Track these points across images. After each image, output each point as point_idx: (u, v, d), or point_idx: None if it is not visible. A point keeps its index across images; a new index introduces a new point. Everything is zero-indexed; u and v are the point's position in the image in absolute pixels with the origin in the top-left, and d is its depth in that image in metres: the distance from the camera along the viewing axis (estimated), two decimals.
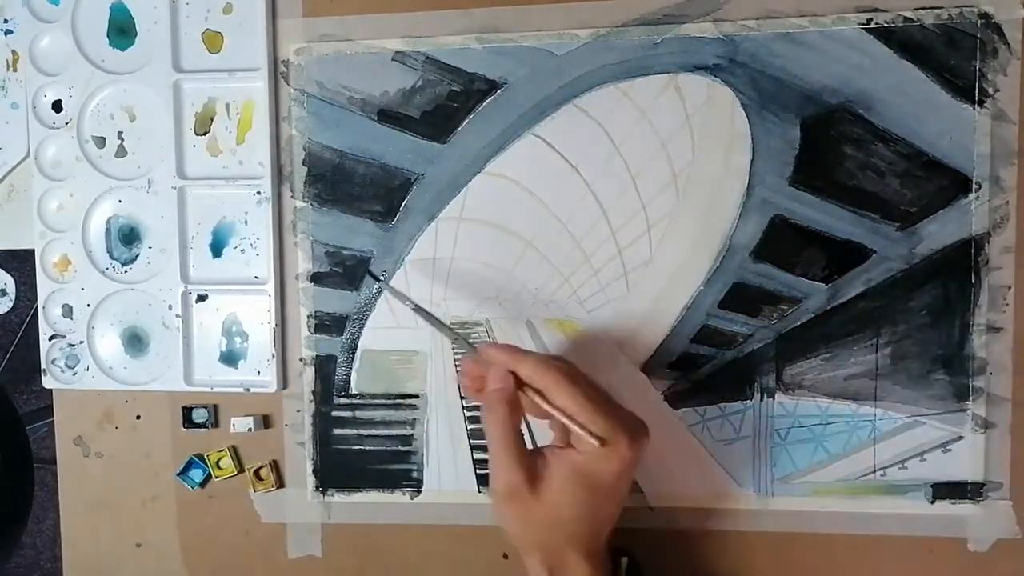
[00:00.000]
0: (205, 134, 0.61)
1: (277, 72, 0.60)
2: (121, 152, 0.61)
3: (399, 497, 0.61)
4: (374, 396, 0.61)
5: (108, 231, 0.62)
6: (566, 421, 0.47)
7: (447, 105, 0.59)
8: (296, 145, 0.60)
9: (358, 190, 0.60)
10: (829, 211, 0.56)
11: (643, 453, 0.48)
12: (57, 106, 0.62)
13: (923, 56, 0.54)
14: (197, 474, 0.62)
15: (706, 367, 0.58)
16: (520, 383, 0.49)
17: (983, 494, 0.56)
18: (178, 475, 0.62)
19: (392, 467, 0.61)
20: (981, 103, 0.54)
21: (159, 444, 0.63)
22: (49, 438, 0.64)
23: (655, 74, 0.57)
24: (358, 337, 0.61)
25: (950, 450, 0.56)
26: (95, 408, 0.63)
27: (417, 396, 0.61)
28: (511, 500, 0.49)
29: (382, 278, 0.56)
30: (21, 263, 0.63)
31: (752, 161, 0.57)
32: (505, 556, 0.60)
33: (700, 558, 0.59)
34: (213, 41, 0.60)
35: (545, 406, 0.48)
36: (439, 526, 0.61)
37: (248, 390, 0.61)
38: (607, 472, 0.47)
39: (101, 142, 0.62)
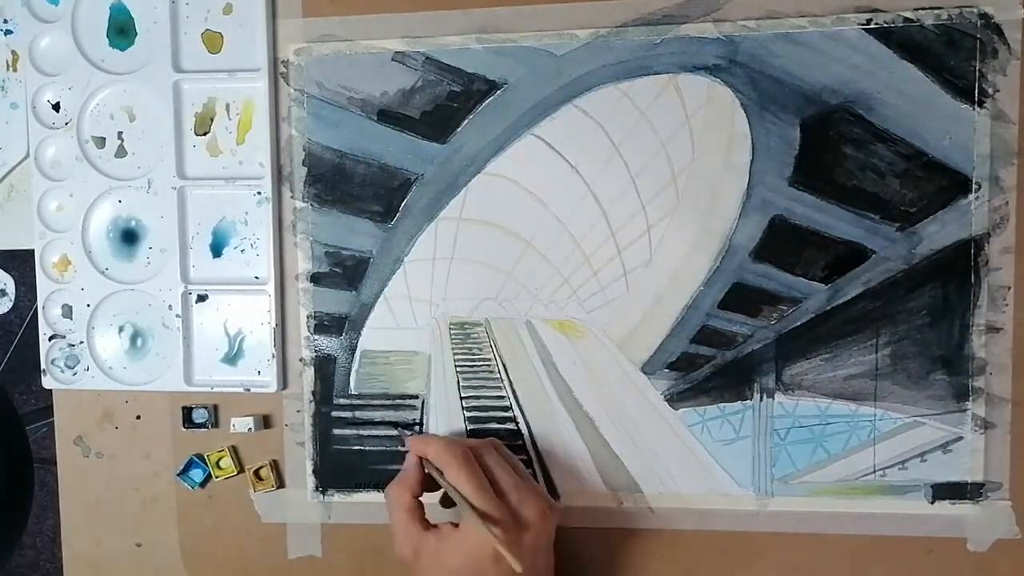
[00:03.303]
0: (205, 134, 0.61)
1: (277, 72, 0.60)
2: (121, 152, 0.61)
3: None
4: (374, 396, 0.61)
5: (108, 231, 0.62)
6: (454, 496, 0.52)
7: (447, 105, 0.59)
8: (296, 145, 0.60)
9: (358, 190, 0.60)
10: (829, 211, 0.56)
11: (529, 542, 0.51)
12: (57, 106, 0.62)
13: (923, 56, 0.54)
14: (197, 474, 0.62)
15: (706, 367, 0.58)
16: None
17: (983, 494, 0.56)
18: (178, 475, 0.62)
19: (392, 467, 0.61)
20: (981, 103, 0.54)
21: (159, 444, 0.63)
22: (49, 438, 0.64)
23: (655, 74, 0.57)
24: (358, 337, 0.61)
25: (950, 450, 0.56)
26: (95, 408, 0.63)
27: (417, 396, 0.61)
28: (407, 567, 0.53)
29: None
30: (21, 263, 0.63)
31: (752, 161, 0.57)
32: None
33: (700, 558, 0.59)
34: (213, 41, 0.60)
35: (441, 481, 0.53)
36: None
37: (248, 390, 0.61)
38: (485, 551, 0.50)
39: (101, 142, 0.62)
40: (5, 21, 0.63)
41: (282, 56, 0.60)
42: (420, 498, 0.54)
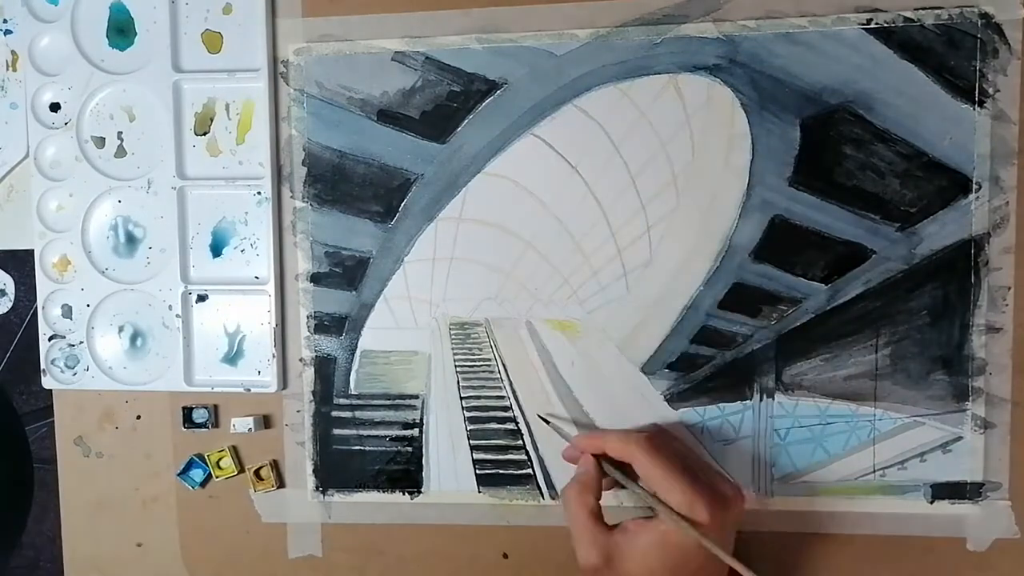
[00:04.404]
0: (205, 134, 0.61)
1: (277, 72, 0.60)
2: (121, 152, 0.61)
3: (399, 497, 0.61)
4: (374, 396, 0.61)
5: (108, 231, 0.62)
6: (643, 494, 0.49)
7: (447, 105, 0.59)
8: (296, 145, 0.60)
9: (358, 190, 0.60)
10: (829, 211, 0.56)
11: (730, 522, 0.49)
12: (56, 106, 0.62)
13: (923, 56, 0.54)
14: (197, 474, 0.62)
15: (706, 367, 0.58)
16: (610, 459, 0.52)
17: (982, 494, 0.56)
18: (178, 475, 0.62)
19: (392, 467, 0.61)
20: (981, 103, 0.54)
21: (159, 444, 0.63)
22: (49, 438, 0.64)
23: (655, 74, 0.57)
24: (358, 337, 0.61)
25: (950, 450, 0.56)
26: (95, 408, 0.63)
27: (417, 396, 0.61)
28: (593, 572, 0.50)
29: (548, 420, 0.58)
30: (21, 263, 0.63)
31: (752, 161, 0.57)
32: (505, 556, 0.60)
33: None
34: (213, 41, 0.60)
35: (625, 481, 0.51)
36: (439, 526, 0.61)
37: (248, 390, 0.61)
38: (691, 547, 0.47)
39: (100, 142, 0.61)
40: (5, 21, 0.63)
41: (282, 56, 0.60)
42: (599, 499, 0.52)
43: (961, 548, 0.56)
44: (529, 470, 0.60)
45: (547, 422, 0.57)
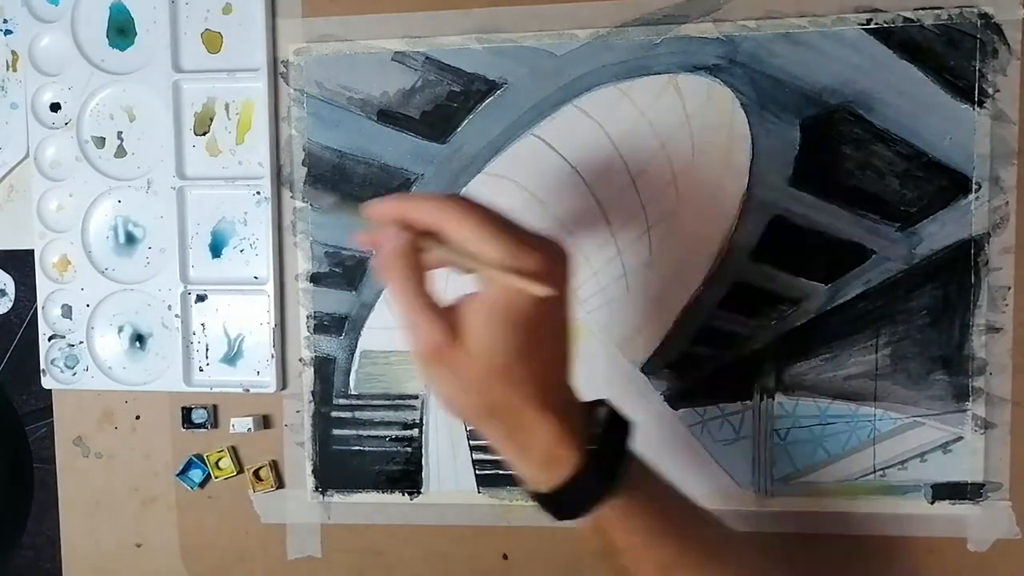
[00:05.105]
0: (204, 134, 0.61)
1: (277, 72, 0.60)
2: (120, 152, 0.61)
3: (399, 497, 0.61)
4: (373, 396, 0.61)
5: (108, 231, 0.62)
6: (461, 258, 0.42)
7: (447, 105, 0.59)
8: (296, 145, 0.60)
9: (358, 190, 0.60)
10: (829, 211, 0.56)
11: (566, 273, 0.43)
12: (56, 106, 0.62)
13: (923, 56, 0.54)
14: (197, 474, 0.62)
15: (706, 367, 0.58)
16: (420, 234, 0.44)
17: (983, 494, 0.56)
18: (178, 475, 0.62)
19: (392, 467, 0.61)
20: (981, 103, 0.54)
21: (159, 444, 0.63)
22: (49, 438, 0.64)
23: (655, 74, 0.57)
24: (357, 337, 0.61)
25: (950, 451, 0.56)
26: (94, 408, 0.63)
27: (416, 396, 0.60)
28: (436, 361, 0.43)
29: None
30: (21, 263, 0.63)
31: (752, 161, 0.57)
32: (505, 556, 0.60)
33: None
34: (213, 41, 0.60)
35: (442, 249, 0.43)
36: (439, 526, 0.61)
37: (248, 390, 0.61)
38: (527, 302, 0.41)
39: (100, 142, 0.61)
40: (5, 21, 0.63)
41: (282, 56, 0.60)
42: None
43: (962, 548, 0.56)
44: None
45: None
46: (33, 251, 0.62)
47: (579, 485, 0.43)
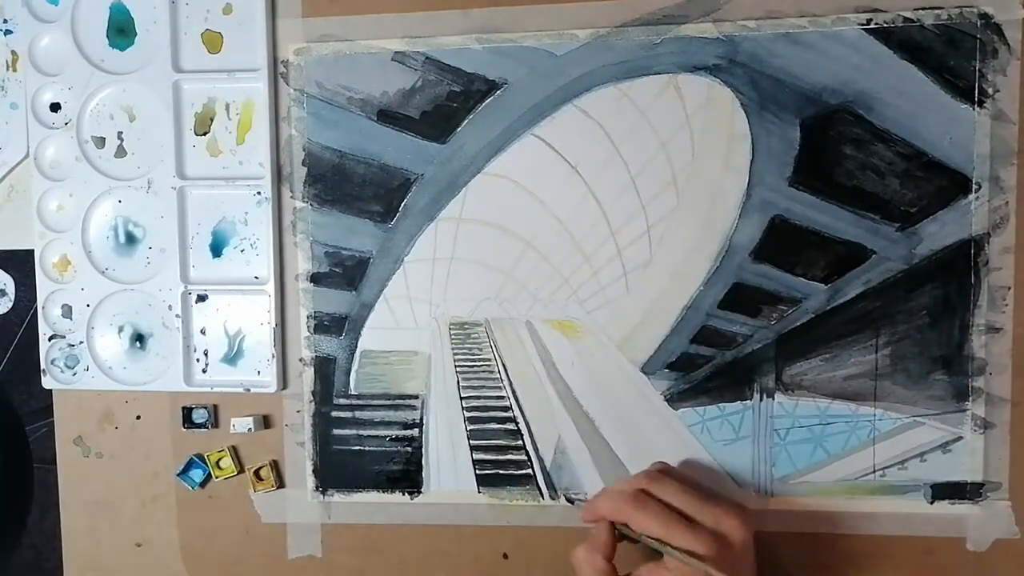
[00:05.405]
0: (205, 134, 0.61)
1: (277, 72, 0.60)
2: (121, 152, 0.61)
3: (399, 497, 0.61)
4: (374, 396, 0.61)
5: (108, 231, 0.62)
6: (651, 544, 0.50)
7: (447, 105, 0.59)
8: (296, 145, 0.60)
9: (358, 190, 0.60)
10: (829, 211, 0.56)
11: (741, 543, 0.50)
12: (56, 106, 0.62)
13: (923, 56, 0.54)
14: (197, 474, 0.62)
15: (706, 367, 0.58)
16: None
17: (982, 494, 0.56)
18: (178, 475, 0.62)
19: (392, 467, 0.61)
20: (981, 103, 0.54)
21: (159, 444, 0.63)
22: (49, 438, 0.64)
23: (655, 74, 0.57)
24: (358, 337, 0.61)
25: (950, 450, 0.56)
26: (95, 408, 0.63)
27: (417, 396, 0.61)
28: None
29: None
30: (21, 263, 0.63)
31: (752, 161, 0.57)
32: (505, 556, 0.60)
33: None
34: (213, 41, 0.60)
35: (632, 535, 0.51)
36: (439, 526, 0.61)
37: (248, 390, 0.61)
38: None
39: (101, 142, 0.61)
40: (5, 21, 0.63)
41: (282, 56, 0.60)
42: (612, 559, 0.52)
43: (961, 548, 0.56)
44: (529, 470, 0.60)
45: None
46: (33, 251, 0.62)
47: None
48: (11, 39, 0.63)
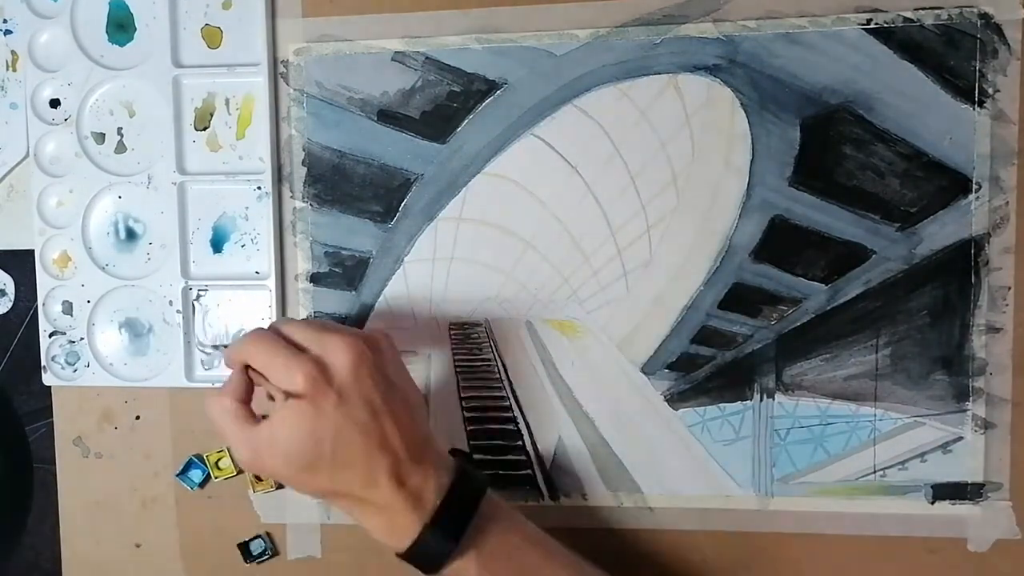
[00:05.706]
0: (205, 129, 0.61)
1: (276, 72, 0.60)
2: (121, 148, 0.61)
3: None
4: None
5: (108, 227, 0.62)
6: (261, 382, 0.49)
7: (447, 105, 0.59)
8: (295, 145, 0.60)
9: (357, 190, 0.60)
10: (829, 211, 0.56)
11: (343, 365, 0.47)
12: (56, 102, 0.62)
13: (923, 56, 0.55)
14: (197, 474, 0.62)
15: (706, 367, 0.58)
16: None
17: (983, 495, 0.56)
18: (177, 475, 0.62)
19: None
20: (981, 103, 0.54)
21: (159, 444, 0.63)
22: (49, 438, 0.64)
23: (655, 74, 0.57)
24: None
25: (950, 451, 0.56)
26: (94, 408, 0.63)
27: None
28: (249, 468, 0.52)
29: None
30: (21, 263, 0.63)
31: (752, 161, 0.57)
32: None
33: (700, 558, 0.59)
34: (212, 36, 0.60)
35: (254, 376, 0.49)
36: None
37: None
38: (309, 415, 0.46)
39: (100, 138, 0.62)
40: (5, 21, 0.63)
41: (282, 56, 0.60)
42: (249, 403, 0.50)
43: (962, 549, 0.56)
44: (529, 470, 0.60)
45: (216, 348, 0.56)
46: (33, 251, 0.62)
47: (423, 547, 0.47)
48: (11, 39, 0.63)
